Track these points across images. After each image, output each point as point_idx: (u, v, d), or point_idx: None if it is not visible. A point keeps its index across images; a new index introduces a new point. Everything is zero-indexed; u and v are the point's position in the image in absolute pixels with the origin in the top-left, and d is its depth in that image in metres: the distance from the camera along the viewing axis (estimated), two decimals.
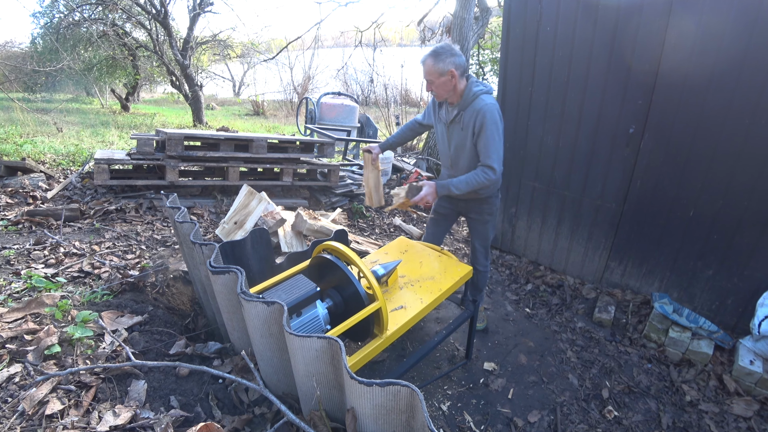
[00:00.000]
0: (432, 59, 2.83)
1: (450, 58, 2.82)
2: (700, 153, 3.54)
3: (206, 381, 2.33)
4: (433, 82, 2.89)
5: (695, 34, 3.37)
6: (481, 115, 2.86)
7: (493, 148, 2.87)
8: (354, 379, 1.52)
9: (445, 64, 2.81)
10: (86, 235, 4.04)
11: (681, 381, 3.43)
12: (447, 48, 2.84)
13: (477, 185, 2.92)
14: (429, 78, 2.89)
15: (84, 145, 7.52)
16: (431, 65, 2.83)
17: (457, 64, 2.85)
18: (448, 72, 2.84)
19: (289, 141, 5.81)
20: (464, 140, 3.03)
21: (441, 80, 2.87)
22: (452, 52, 2.83)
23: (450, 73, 2.84)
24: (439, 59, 2.81)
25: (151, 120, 12.77)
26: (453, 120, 3.04)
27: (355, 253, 2.26)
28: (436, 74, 2.85)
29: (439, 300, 2.71)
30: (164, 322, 2.87)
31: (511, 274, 4.97)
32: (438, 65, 2.82)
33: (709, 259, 3.73)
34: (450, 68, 2.83)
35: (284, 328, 1.73)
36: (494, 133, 2.86)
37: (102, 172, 4.68)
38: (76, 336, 2.36)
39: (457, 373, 3.38)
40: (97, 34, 12.30)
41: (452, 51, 2.83)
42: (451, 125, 3.08)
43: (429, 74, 2.87)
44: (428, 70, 2.86)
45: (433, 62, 2.83)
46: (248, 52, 17.97)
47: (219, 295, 2.23)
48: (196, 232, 2.46)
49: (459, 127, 3.02)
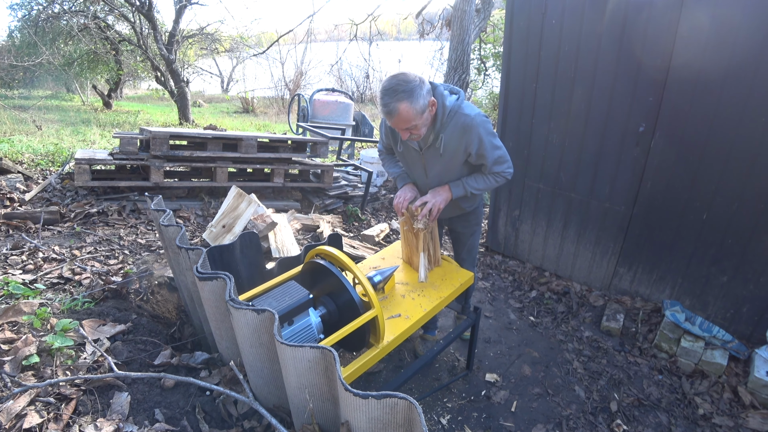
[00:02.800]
0: (408, 101, 2.33)
1: (423, 89, 2.38)
2: (715, 153, 3.55)
3: (193, 393, 2.33)
4: (417, 126, 2.45)
5: (709, 28, 3.38)
6: (474, 134, 2.60)
7: (498, 153, 2.72)
8: (349, 391, 1.53)
9: (424, 98, 2.38)
10: (66, 239, 4.04)
11: (693, 393, 3.44)
12: (410, 78, 2.37)
13: (495, 186, 2.84)
14: (411, 125, 2.43)
15: (64, 144, 7.52)
16: (410, 109, 2.35)
17: (428, 89, 2.45)
18: (430, 103, 2.45)
19: (280, 140, 5.83)
20: (448, 165, 2.77)
21: (424, 118, 2.45)
22: (420, 80, 2.39)
23: (431, 103, 2.47)
24: (416, 97, 2.34)
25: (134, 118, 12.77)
26: (430, 146, 2.69)
27: (350, 258, 2.26)
28: (418, 116, 2.40)
29: (438, 308, 2.72)
30: (148, 330, 2.88)
31: (515, 280, 4.97)
32: (418, 104, 2.36)
33: (724, 265, 3.73)
34: (429, 98, 2.44)
35: (275, 338, 1.74)
36: (495, 142, 2.70)
37: (83, 172, 4.68)
38: (56, 346, 2.36)
39: (458, 385, 3.38)
40: (78, 27, 12.27)
41: (417, 78, 2.39)
42: (428, 151, 2.73)
43: (410, 120, 2.40)
44: (408, 117, 2.38)
45: (410, 105, 2.34)
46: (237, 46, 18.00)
47: (206, 302, 2.23)
48: (182, 236, 2.46)
49: (437, 152, 2.69)
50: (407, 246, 3.03)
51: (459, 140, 2.63)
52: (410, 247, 3.00)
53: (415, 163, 2.87)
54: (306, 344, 1.69)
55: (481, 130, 2.60)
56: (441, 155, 2.69)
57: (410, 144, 2.77)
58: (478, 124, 2.59)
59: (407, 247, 3.04)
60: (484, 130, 2.61)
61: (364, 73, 18.69)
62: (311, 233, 4.98)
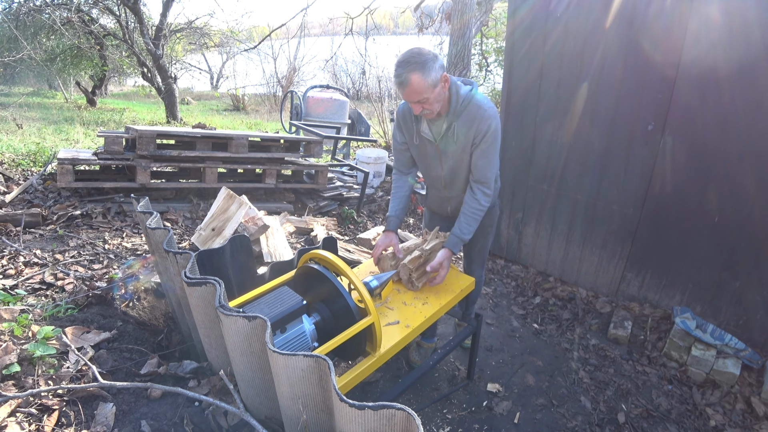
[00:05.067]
0: (420, 73, 2.44)
1: (436, 62, 2.49)
2: (727, 153, 3.55)
3: (181, 404, 2.33)
4: (428, 99, 2.53)
5: (721, 23, 3.38)
6: (486, 125, 2.66)
7: (493, 165, 2.79)
8: (344, 402, 1.53)
9: (436, 71, 2.48)
10: (48, 242, 4.03)
11: (705, 404, 3.44)
12: (425, 52, 2.49)
13: (482, 214, 2.88)
14: (422, 97, 2.52)
15: (46, 143, 7.51)
16: (421, 81, 2.46)
17: (443, 65, 2.56)
18: (442, 78, 2.53)
19: (272, 139, 5.83)
20: (461, 156, 2.82)
21: (435, 92, 2.53)
22: (433, 54, 2.51)
23: (443, 78, 2.55)
24: (428, 69, 2.45)
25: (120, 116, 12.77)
26: (444, 135, 2.77)
27: (345, 262, 2.26)
28: (430, 89, 2.49)
29: (438, 314, 2.73)
30: (134, 338, 2.88)
31: (518, 286, 4.98)
32: (430, 76, 2.46)
33: (737, 270, 3.74)
34: (442, 72, 2.52)
35: (267, 346, 1.74)
36: (496, 147, 2.75)
37: (66, 173, 4.68)
38: (38, 354, 2.35)
39: (458, 395, 3.39)
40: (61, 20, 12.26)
41: (432, 53, 2.51)
42: (442, 141, 2.81)
43: (422, 92, 2.50)
44: (419, 88, 2.48)
45: (422, 76, 2.45)
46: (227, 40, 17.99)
47: (195, 309, 2.23)
48: (169, 239, 2.46)
49: (451, 142, 2.76)
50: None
51: (470, 128, 2.69)
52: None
53: (432, 156, 2.93)
54: (299, 353, 1.69)
55: (493, 125, 2.66)
56: (455, 145, 2.76)
57: (425, 136, 2.83)
58: (493, 118, 2.66)
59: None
60: (496, 127, 2.68)
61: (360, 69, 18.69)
62: (305, 236, 4.98)
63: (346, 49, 15.84)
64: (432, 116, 2.69)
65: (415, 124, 2.86)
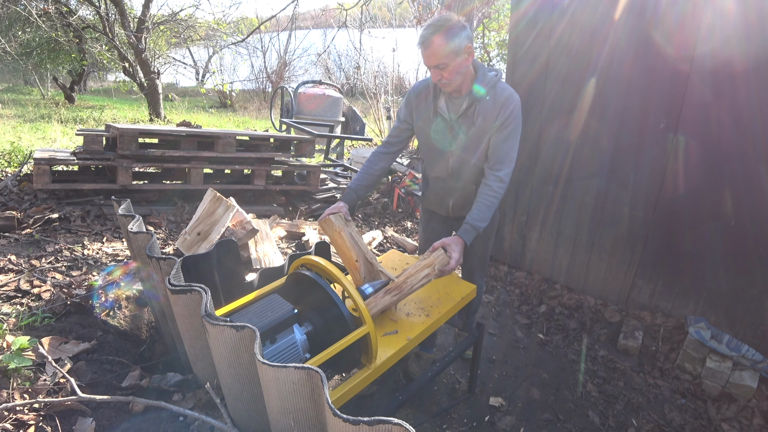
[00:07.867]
0: (443, 36, 2.48)
1: (464, 31, 2.53)
2: (743, 152, 3.56)
3: (165, 419, 2.32)
4: (447, 66, 2.55)
5: (737, 14, 3.40)
6: (510, 110, 2.71)
7: (513, 154, 2.80)
8: (338, 417, 1.53)
9: (461, 39, 2.51)
10: (24, 247, 4.02)
11: (720, 419, 3.45)
12: (453, 18, 2.54)
13: (497, 203, 2.84)
14: (442, 62, 2.54)
15: (22, 142, 7.51)
16: (443, 44, 2.49)
17: (470, 37, 2.59)
18: (465, 48, 2.55)
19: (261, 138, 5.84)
20: (478, 140, 2.82)
21: (457, 62, 2.56)
22: (462, 24, 2.54)
23: (467, 50, 2.57)
24: (452, 34, 2.48)
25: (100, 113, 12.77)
26: (462, 114, 2.79)
27: (338, 269, 2.27)
28: (451, 55, 2.52)
29: (437, 324, 2.72)
30: (115, 349, 2.87)
31: (522, 293, 4.99)
32: (453, 41, 2.49)
33: (754, 277, 3.73)
34: (467, 43, 2.54)
35: (256, 357, 1.74)
36: (517, 135, 2.79)
37: (42, 174, 4.67)
38: (13, 366, 2.35)
39: (459, 410, 3.38)
40: (37, 12, 12.27)
41: (461, 22, 2.55)
42: (458, 121, 2.82)
43: (442, 57, 2.53)
44: (440, 52, 2.51)
45: (445, 39, 2.49)
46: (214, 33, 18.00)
47: (180, 318, 2.23)
48: (152, 244, 2.46)
49: (470, 123, 2.79)
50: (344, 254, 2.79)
51: (494, 112, 2.73)
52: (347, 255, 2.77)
53: (443, 135, 2.92)
54: (290, 364, 1.69)
55: (516, 111, 2.74)
56: (473, 126, 2.79)
57: (441, 112, 2.85)
58: (518, 105, 2.75)
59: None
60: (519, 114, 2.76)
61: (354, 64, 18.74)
62: (296, 241, 4.99)
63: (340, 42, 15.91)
64: (450, 88, 2.72)
65: (433, 100, 2.87)
